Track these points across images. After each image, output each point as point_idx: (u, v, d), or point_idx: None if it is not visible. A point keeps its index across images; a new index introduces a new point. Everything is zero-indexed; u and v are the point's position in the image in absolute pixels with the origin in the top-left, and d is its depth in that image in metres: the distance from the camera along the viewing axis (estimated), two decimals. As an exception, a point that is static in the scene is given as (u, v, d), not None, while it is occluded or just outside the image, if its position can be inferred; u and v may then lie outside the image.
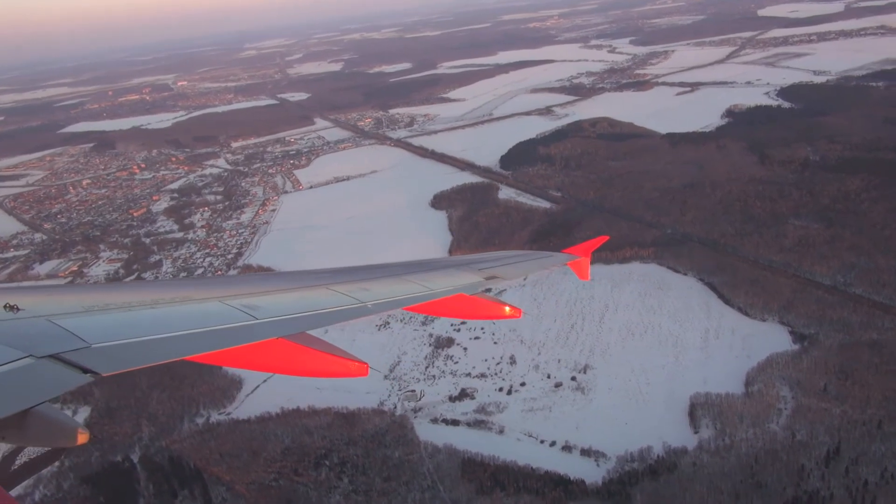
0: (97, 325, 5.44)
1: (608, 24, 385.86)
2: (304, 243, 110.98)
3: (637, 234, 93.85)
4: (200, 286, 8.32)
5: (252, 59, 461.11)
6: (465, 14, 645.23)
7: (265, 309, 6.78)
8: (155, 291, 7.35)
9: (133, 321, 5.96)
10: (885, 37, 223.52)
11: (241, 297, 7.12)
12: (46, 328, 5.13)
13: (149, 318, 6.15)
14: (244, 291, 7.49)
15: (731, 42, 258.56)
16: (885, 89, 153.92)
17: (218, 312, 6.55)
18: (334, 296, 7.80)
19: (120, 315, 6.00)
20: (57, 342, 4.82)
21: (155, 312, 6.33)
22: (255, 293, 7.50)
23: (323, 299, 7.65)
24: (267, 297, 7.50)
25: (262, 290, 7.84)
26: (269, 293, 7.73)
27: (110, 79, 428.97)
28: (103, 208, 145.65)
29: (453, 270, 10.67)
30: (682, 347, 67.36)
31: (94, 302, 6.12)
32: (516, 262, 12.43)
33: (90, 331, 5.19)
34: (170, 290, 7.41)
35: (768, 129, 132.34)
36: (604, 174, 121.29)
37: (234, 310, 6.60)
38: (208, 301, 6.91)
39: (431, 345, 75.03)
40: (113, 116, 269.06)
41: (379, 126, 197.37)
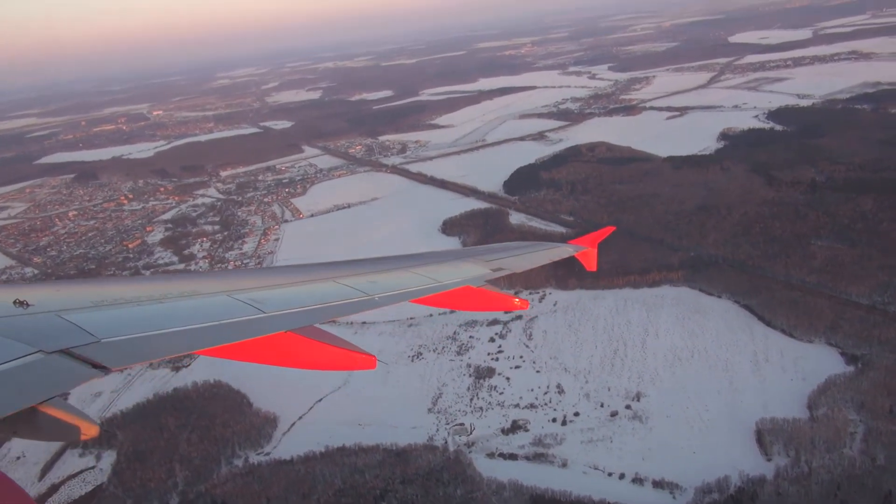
0: (106, 320, 5.50)
1: (583, 52, 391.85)
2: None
3: (662, 258, 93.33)
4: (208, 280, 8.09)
5: (227, 88, 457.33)
6: (438, 42, 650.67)
7: (272, 302, 6.86)
8: (163, 286, 7.36)
9: (141, 316, 5.98)
10: (858, 62, 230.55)
11: (249, 290, 7.20)
12: (56, 323, 5.18)
13: (157, 312, 6.14)
14: (251, 285, 7.55)
15: (709, 68, 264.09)
16: (872, 112, 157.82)
17: (226, 306, 6.59)
18: (341, 288, 7.91)
19: (128, 310, 6.05)
20: (66, 337, 4.87)
21: (163, 307, 6.32)
22: (263, 287, 7.60)
23: (330, 292, 7.77)
24: (274, 290, 7.59)
25: (270, 283, 7.93)
26: (277, 287, 7.82)
27: (80, 109, 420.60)
28: (94, 240, 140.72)
29: (459, 262, 10.68)
30: (734, 372, 66.27)
31: (102, 297, 6.17)
32: (523, 253, 12.61)
33: (99, 325, 5.25)
34: (178, 285, 7.34)
35: (768, 152, 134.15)
36: (613, 198, 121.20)
37: (242, 304, 6.65)
38: (216, 295, 6.94)
39: (472, 375, 72.75)
40: (90, 147, 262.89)
41: (371, 153, 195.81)
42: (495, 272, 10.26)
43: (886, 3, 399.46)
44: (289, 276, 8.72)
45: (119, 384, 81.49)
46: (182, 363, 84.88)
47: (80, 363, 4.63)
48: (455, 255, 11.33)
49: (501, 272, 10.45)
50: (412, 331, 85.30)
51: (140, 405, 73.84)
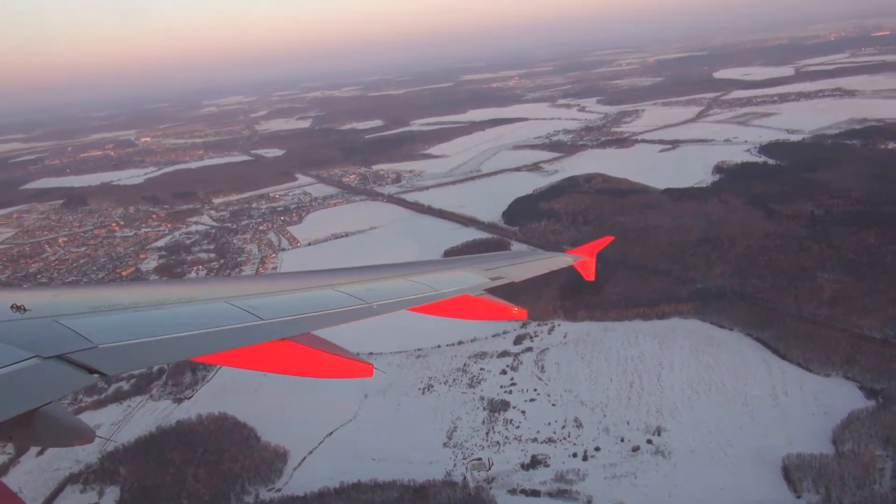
0: (103, 326, 5.47)
1: (570, 85, 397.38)
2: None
3: (670, 289, 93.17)
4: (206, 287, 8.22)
5: (215, 116, 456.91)
6: (425, 74, 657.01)
7: (271, 310, 6.86)
8: (161, 292, 7.36)
9: (139, 322, 5.95)
10: (843, 98, 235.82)
11: (247, 297, 7.19)
12: (53, 328, 5.17)
13: (155, 318, 6.14)
14: (250, 292, 7.53)
15: (697, 102, 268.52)
16: (862, 147, 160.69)
17: (224, 313, 6.59)
18: (339, 296, 7.94)
19: (126, 315, 6.01)
20: (63, 342, 4.90)
21: (161, 313, 6.34)
22: (261, 294, 7.59)
23: (328, 300, 7.80)
24: (272, 297, 7.59)
25: (268, 290, 7.91)
26: (275, 294, 7.81)
27: (66, 134, 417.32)
28: (86, 267, 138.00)
29: (457, 271, 10.71)
30: (753, 405, 65.63)
31: (100, 302, 6.13)
32: (521, 263, 12.71)
33: (96, 331, 5.25)
34: (176, 291, 7.38)
35: (764, 185, 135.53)
36: (615, 229, 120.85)
37: (240, 310, 6.66)
38: (214, 302, 6.93)
39: (486, 408, 71.36)
40: (78, 172, 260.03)
41: (365, 182, 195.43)
42: (494, 281, 10.43)
43: (864, 43, 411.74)
44: (287, 283, 8.78)
45: (118, 416, 79.03)
46: (184, 395, 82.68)
47: (77, 369, 4.64)
48: (453, 264, 11.45)
49: (500, 281, 10.61)
50: (420, 362, 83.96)
51: (142, 439, 71.41)
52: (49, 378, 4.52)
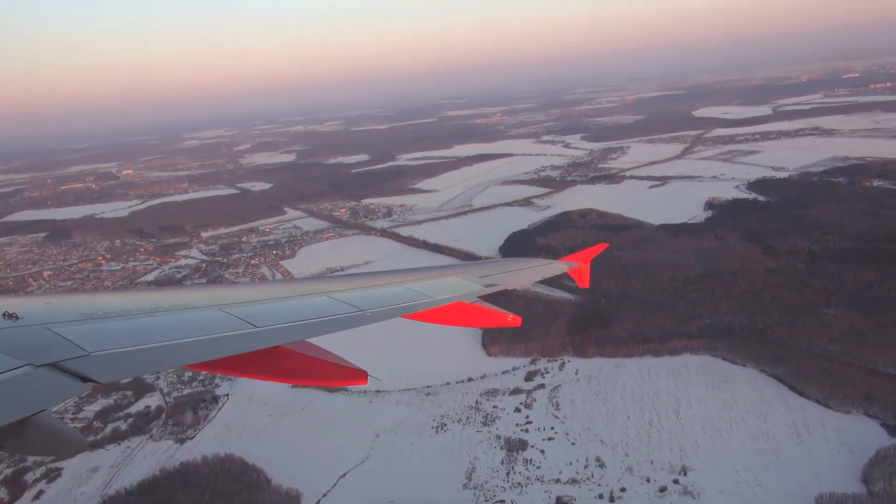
0: (96, 333, 5.47)
1: (553, 122, 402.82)
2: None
3: (678, 325, 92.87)
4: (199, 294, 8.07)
5: (197, 149, 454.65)
6: (407, 109, 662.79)
7: (265, 317, 6.85)
8: (154, 299, 7.32)
9: (132, 329, 5.92)
10: (822, 137, 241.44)
11: (241, 305, 7.17)
12: (45, 336, 5.15)
13: (148, 325, 6.10)
14: (243, 299, 7.52)
15: (680, 139, 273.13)
16: (848, 185, 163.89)
17: (217, 320, 6.56)
18: (334, 303, 7.94)
19: (119, 323, 6.00)
20: (56, 350, 4.88)
21: (154, 320, 6.28)
22: (254, 301, 7.59)
23: (322, 307, 7.80)
24: (266, 305, 7.58)
25: (262, 298, 7.92)
26: (268, 301, 7.81)
27: (45, 167, 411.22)
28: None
29: (452, 278, 10.75)
30: (777, 443, 64.88)
31: (92, 310, 6.12)
32: (517, 270, 12.82)
33: (89, 339, 5.23)
34: (169, 298, 7.35)
35: (758, 221, 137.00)
36: (616, 264, 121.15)
37: (234, 318, 6.62)
38: (207, 309, 6.89)
39: (503, 447, 69.71)
40: (59, 205, 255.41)
41: (356, 216, 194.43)
42: (488, 288, 10.52)
43: (835, 85, 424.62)
44: (280, 290, 8.88)
45: (118, 458, 75.80)
46: (186, 434, 79.81)
47: (69, 376, 4.58)
48: (447, 272, 11.44)
49: (494, 288, 10.70)
50: (431, 400, 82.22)
51: (146, 482, 68.48)
52: (41, 386, 4.47)
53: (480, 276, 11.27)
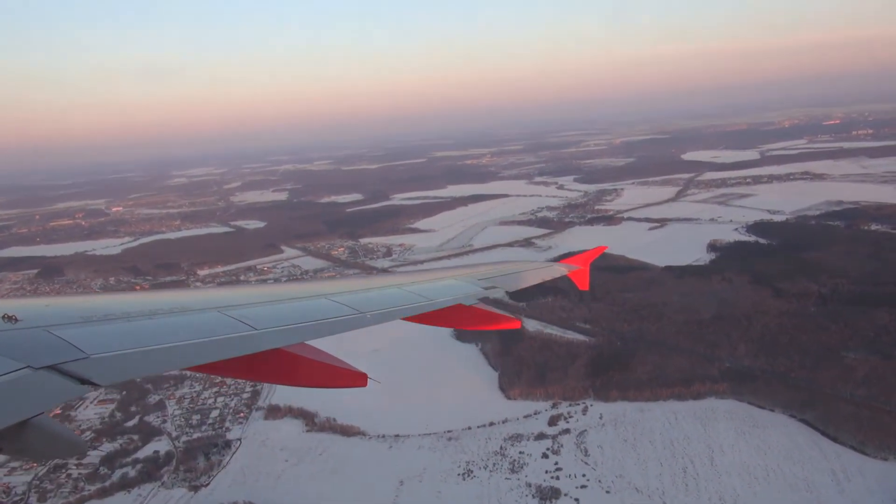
0: (95, 336, 5.49)
1: (544, 163, 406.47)
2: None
3: (699, 368, 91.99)
4: (199, 297, 8.11)
5: (186, 187, 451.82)
6: (396, 150, 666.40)
7: (264, 319, 6.86)
8: (153, 302, 7.35)
9: (131, 331, 5.95)
10: (813, 181, 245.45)
11: (240, 307, 7.18)
12: (44, 339, 5.18)
13: (147, 328, 6.14)
14: (242, 302, 7.52)
15: (673, 182, 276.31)
16: (847, 229, 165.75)
17: (217, 323, 6.60)
18: (333, 305, 8.00)
19: (118, 325, 6.01)
20: (55, 353, 4.91)
21: (154, 323, 6.32)
22: (254, 303, 7.58)
23: (322, 309, 7.83)
24: (265, 307, 7.56)
25: (261, 300, 7.91)
26: (268, 303, 7.80)
27: (31, 203, 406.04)
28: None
29: (451, 281, 10.81)
30: (818, 492, 63.61)
31: (92, 312, 6.13)
32: (515, 273, 13.17)
33: (88, 341, 5.26)
34: (168, 301, 7.37)
35: (763, 264, 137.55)
36: (626, 306, 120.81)
37: (233, 320, 6.67)
38: (207, 311, 6.92)
39: (535, 496, 67.70)
40: (49, 241, 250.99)
41: (355, 255, 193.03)
42: (487, 290, 10.65)
43: (818, 130, 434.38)
44: (280, 293, 8.86)
45: (129, 506, 72.55)
46: (199, 481, 76.72)
47: (68, 379, 4.62)
48: (447, 275, 11.53)
49: (493, 290, 10.89)
50: (453, 445, 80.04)
51: (162, 533, 65.40)
52: (40, 389, 4.45)
53: (479, 279, 11.37)
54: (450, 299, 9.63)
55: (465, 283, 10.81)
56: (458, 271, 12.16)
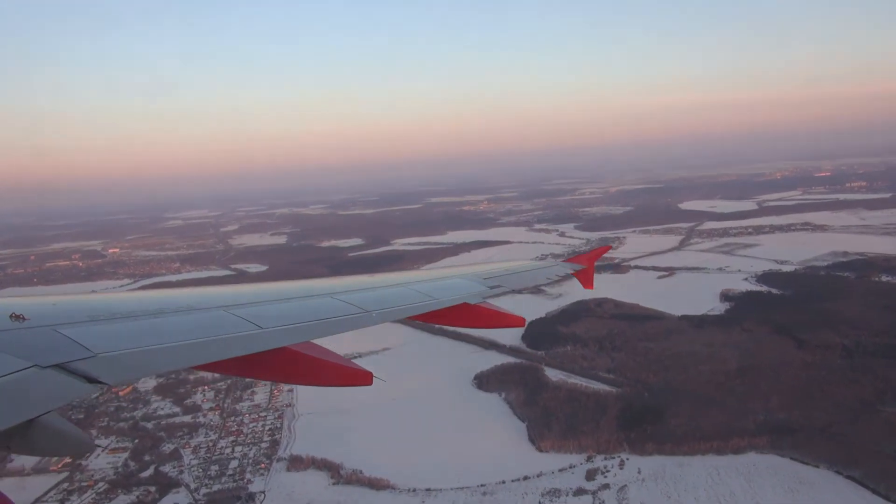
0: (102, 335, 5.54)
1: (542, 211, 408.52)
2: (349, 430, 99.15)
3: (733, 421, 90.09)
4: (204, 296, 7.97)
5: (182, 229, 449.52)
6: (391, 195, 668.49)
7: (269, 318, 6.95)
8: (159, 300, 7.37)
9: (138, 330, 5.99)
10: (815, 232, 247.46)
11: (246, 306, 7.23)
12: (52, 337, 5.24)
13: (154, 327, 6.17)
14: (248, 301, 7.55)
15: (675, 231, 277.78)
16: (858, 280, 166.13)
17: (222, 321, 6.63)
18: (339, 304, 8.02)
19: (125, 324, 6.04)
20: (62, 352, 4.97)
21: (160, 322, 6.36)
22: (259, 302, 7.65)
23: (328, 308, 7.87)
24: (271, 306, 7.64)
25: (267, 299, 7.98)
26: (274, 302, 7.86)
27: (24, 243, 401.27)
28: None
29: (457, 280, 10.89)
30: (880, 554, 61.26)
31: (98, 311, 6.16)
32: (520, 272, 13.11)
33: (95, 340, 5.31)
34: (174, 300, 7.34)
35: (779, 314, 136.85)
36: (649, 356, 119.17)
37: (239, 319, 6.72)
38: (213, 310, 6.94)
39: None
40: (46, 282, 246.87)
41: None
42: (493, 290, 10.76)
43: (809, 182, 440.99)
44: (286, 291, 8.77)
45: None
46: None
47: (75, 378, 4.65)
48: (452, 274, 11.60)
49: (499, 290, 10.96)
50: (489, 500, 77.40)
51: None
52: (48, 387, 4.45)
53: (485, 278, 11.39)
54: (455, 298, 9.65)
55: (471, 282, 10.84)
56: (463, 269, 12.27)
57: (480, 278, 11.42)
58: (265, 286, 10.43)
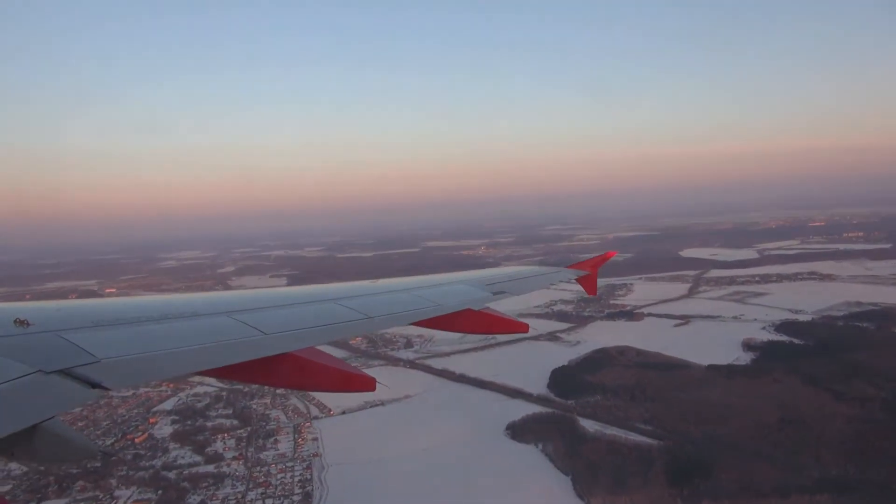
0: (106, 340, 5.49)
1: (541, 256, 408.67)
2: (383, 483, 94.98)
3: (787, 476, 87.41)
4: (208, 301, 7.89)
5: (178, 270, 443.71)
6: (386, 239, 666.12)
7: (273, 324, 6.93)
8: (163, 306, 7.21)
9: (142, 336, 5.92)
10: (824, 282, 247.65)
11: (249, 311, 7.20)
12: (56, 343, 5.20)
13: (158, 332, 6.13)
14: (252, 306, 7.52)
15: (681, 279, 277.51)
16: (877, 330, 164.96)
17: (226, 327, 6.61)
18: (342, 310, 8.10)
19: (129, 330, 5.99)
20: (66, 357, 4.96)
21: (164, 327, 6.31)
22: (263, 308, 7.59)
23: (331, 314, 7.91)
24: (274, 311, 7.55)
25: (270, 305, 7.91)
26: (277, 308, 7.79)
27: (18, 282, 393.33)
28: (86, 431, 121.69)
29: (460, 286, 10.91)
30: None
31: (103, 317, 6.10)
32: (524, 278, 13.40)
33: (99, 345, 5.28)
34: (178, 305, 7.26)
35: (809, 365, 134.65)
36: (683, 406, 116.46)
37: (243, 325, 6.71)
38: (216, 316, 6.91)
39: None
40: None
41: (374, 345, 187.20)
42: (496, 296, 10.70)
43: (803, 232, 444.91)
44: (289, 297, 8.80)
45: None
46: None
47: (79, 383, 4.62)
48: (455, 279, 11.56)
49: (502, 296, 10.93)
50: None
51: None
52: (51, 393, 4.44)
53: (488, 284, 11.34)
54: (459, 304, 9.54)
55: (474, 288, 10.76)
56: (466, 275, 12.32)
57: (483, 283, 11.28)
58: (268, 292, 10.12)
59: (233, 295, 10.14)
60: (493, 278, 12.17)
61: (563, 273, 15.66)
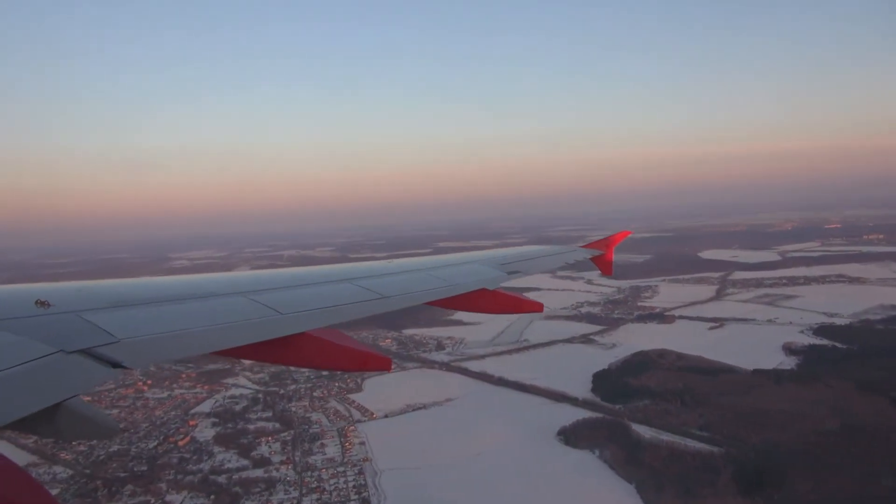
0: (126, 320, 5.56)
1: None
2: (440, 489, 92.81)
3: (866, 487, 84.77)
4: (226, 282, 7.88)
5: (191, 269, 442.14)
6: (396, 239, 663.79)
7: (290, 304, 6.99)
8: (181, 287, 7.34)
9: (160, 316, 5.98)
10: (853, 285, 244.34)
11: (266, 292, 7.25)
12: (76, 323, 5.25)
13: (176, 312, 6.15)
14: (269, 287, 7.60)
15: (706, 281, 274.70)
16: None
17: (243, 308, 6.65)
18: (358, 290, 8.19)
19: (148, 310, 6.05)
20: (86, 337, 5.05)
21: (182, 307, 6.34)
22: (280, 288, 7.69)
23: (347, 293, 7.99)
24: (290, 292, 7.63)
25: (286, 285, 8.05)
26: (294, 288, 7.90)
27: (26, 281, 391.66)
28: (127, 434, 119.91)
29: (475, 265, 11.20)
30: None
31: (122, 297, 6.16)
32: (538, 257, 14.75)
33: (119, 325, 5.34)
34: (196, 286, 7.32)
35: (857, 370, 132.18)
36: (737, 412, 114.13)
37: (260, 305, 6.76)
38: (233, 296, 6.94)
39: None
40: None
41: (406, 348, 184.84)
42: (510, 275, 11.04)
43: (819, 234, 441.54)
44: (305, 277, 8.89)
45: None
46: None
47: (99, 363, 4.71)
48: (470, 259, 12.09)
49: (517, 275, 11.32)
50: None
51: None
52: (73, 372, 4.54)
53: (502, 264, 11.46)
54: (474, 284, 9.67)
55: (488, 268, 10.89)
56: (481, 254, 12.43)
57: (497, 263, 11.45)
58: (284, 272, 9.99)
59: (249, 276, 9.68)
60: (507, 258, 12.24)
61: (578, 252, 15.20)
